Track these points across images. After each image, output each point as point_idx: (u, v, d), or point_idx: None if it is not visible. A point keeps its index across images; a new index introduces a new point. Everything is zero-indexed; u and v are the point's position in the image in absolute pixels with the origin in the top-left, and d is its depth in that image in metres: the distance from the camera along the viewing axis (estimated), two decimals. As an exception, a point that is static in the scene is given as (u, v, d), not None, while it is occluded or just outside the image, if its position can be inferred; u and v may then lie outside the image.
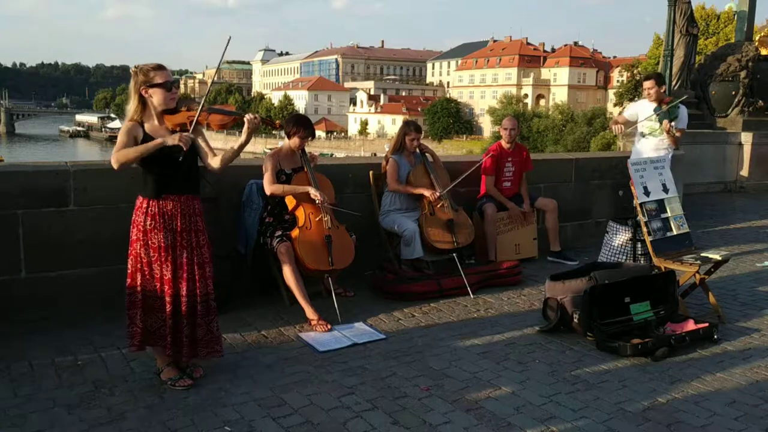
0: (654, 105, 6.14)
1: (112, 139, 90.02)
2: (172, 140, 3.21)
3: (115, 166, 3.25)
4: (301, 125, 4.66)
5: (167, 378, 3.38)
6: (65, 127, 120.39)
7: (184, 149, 3.22)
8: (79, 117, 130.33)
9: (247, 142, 3.44)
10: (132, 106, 3.30)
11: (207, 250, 3.43)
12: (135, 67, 3.33)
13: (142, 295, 3.31)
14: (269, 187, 4.56)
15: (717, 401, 3.29)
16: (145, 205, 3.31)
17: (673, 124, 5.98)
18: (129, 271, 3.34)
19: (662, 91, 6.24)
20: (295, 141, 4.65)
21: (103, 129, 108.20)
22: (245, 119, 3.42)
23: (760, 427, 3.04)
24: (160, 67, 3.30)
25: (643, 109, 6.29)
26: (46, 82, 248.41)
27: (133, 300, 3.34)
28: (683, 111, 6.19)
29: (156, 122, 3.33)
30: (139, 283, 3.32)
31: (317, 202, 4.49)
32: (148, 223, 3.28)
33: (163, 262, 3.30)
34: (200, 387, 3.35)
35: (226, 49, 3.43)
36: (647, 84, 6.24)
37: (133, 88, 3.30)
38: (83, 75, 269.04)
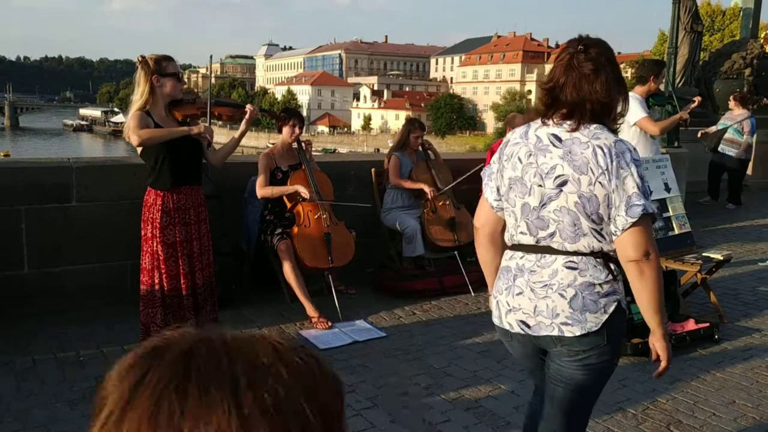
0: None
1: (115, 134, 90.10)
2: (198, 129, 3.32)
3: (135, 141, 3.23)
4: (286, 113, 4.74)
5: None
6: (69, 121, 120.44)
7: (210, 140, 3.37)
8: (82, 111, 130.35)
9: (245, 131, 3.60)
10: (141, 95, 3.29)
11: (209, 237, 3.52)
12: (141, 56, 3.32)
13: (160, 293, 3.32)
14: (259, 191, 4.56)
15: (717, 401, 3.30)
16: (159, 201, 3.30)
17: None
18: (147, 269, 3.35)
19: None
20: (287, 131, 4.66)
21: (106, 123, 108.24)
22: (246, 109, 3.59)
23: (760, 427, 3.05)
24: (170, 58, 3.35)
25: None
26: (49, 75, 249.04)
27: (151, 299, 3.34)
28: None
29: (162, 112, 3.34)
30: (157, 281, 3.32)
31: (307, 198, 4.48)
32: (164, 219, 3.30)
33: (179, 256, 3.33)
34: (201, 384, 3.37)
35: (210, 67, 3.78)
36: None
37: (143, 76, 3.28)
38: (87, 69, 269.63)
